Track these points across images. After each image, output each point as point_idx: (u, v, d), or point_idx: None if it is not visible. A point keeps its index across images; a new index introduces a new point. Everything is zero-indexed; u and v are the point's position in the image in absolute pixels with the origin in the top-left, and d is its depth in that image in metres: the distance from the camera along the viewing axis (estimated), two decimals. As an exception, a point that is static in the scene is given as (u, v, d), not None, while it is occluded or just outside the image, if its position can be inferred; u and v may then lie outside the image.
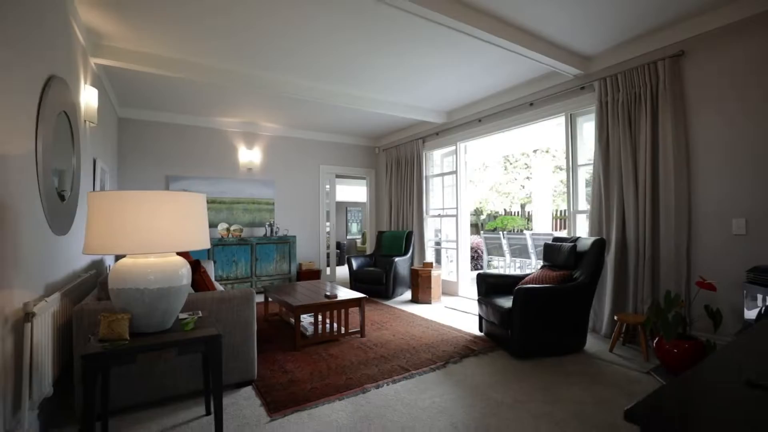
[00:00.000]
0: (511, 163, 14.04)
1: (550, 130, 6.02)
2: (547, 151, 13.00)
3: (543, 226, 9.80)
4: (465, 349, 3.13)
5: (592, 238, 3.15)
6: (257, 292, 5.66)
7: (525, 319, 2.89)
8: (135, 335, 1.69)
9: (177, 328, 1.82)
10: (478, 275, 3.57)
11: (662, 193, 3.13)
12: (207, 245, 1.93)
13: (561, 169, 12.98)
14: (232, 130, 5.92)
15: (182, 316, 2.05)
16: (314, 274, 6.22)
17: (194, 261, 2.60)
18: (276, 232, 5.94)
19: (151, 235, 1.65)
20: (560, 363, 2.85)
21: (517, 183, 14.10)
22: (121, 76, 4.03)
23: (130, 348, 1.56)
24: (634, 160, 3.32)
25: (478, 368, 2.78)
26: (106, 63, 3.48)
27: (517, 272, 7.81)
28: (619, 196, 3.40)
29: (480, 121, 5.04)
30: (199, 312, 2.12)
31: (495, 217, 14.39)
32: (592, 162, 3.80)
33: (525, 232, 8.04)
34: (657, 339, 2.63)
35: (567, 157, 4.03)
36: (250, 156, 6.01)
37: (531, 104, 4.35)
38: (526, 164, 13.84)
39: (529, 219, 14.06)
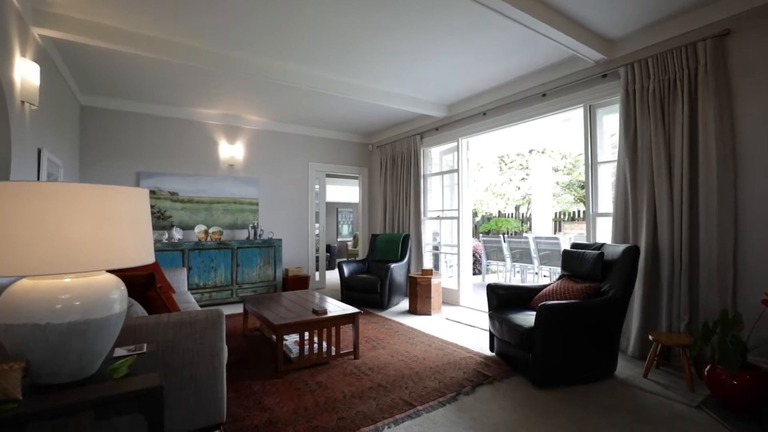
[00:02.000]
0: (506, 164, 13.70)
1: (554, 126, 5.63)
2: (543, 152, 12.72)
3: (542, 229, 9.44)
4: (477, 375, 2.67)
5: (623, 246, 2.72)
6: (237, 302, 5.13)
7: (549, 341, 2.45)
8: (36, 391, 1.18)
9: (105, 374, 1.32)
10: (488, 287, 3.12)
11: (703, 191, 2.71)
12: (147, 259, 1.43)
13: (557, 170, 12.69)
14: (212, 122, 5.38)
15: (120, 352, 1.54)
16: (302, 281, 5.71)
17: (147, 275, 2.09)
18: (260, 235, 5.42)
19: (61, 247, 1.15)
20: (590, 393, 2.41)
21: (513, 184, 13.77)
22: (78, 54, 3.48)
23: (17, 415, 1.05)
24: (668, 155, 2.90)
25: (495, 401, 2.32)
26: (54, 35, 2.94)
27: (518, 277, 7.41)
28: (649, 196, 2.98)
29: (485, 114, 4.60)
30: (144, 346, 1.62)
31: (489, 219, 14.04)
32: (614, 159, 3.39)
33: (527, 235, 7.65)
34: (709, 367, 2.21)
35: (585, 154, 3.61)
36: (231, 151, 5.48)
37: (543, 95, 3.93)
38: (521, 165, 13.52)
39: (524, 221, 13.75)
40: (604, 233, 3.60)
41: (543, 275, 7.08)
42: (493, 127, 4.55)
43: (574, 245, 3.23)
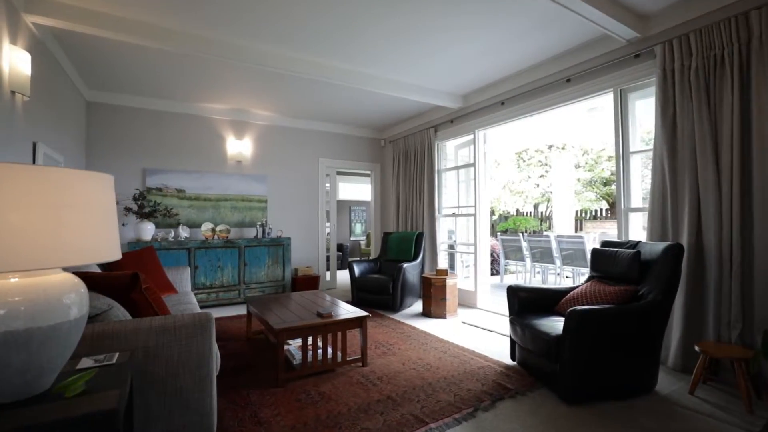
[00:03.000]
0: (524, 161, 13.26)
1: (578, 116, 5.28)
2: (563, 148, 12.24)
3: (562, 228, 9.02)
4: (496, 387, 2.40)
5: (663, 244, 2.41)
6: (244, 302, 4.97)
7: (580, 350, 2.16)
8: (-33, 412, 0.99)
9: (58, 392, 1.12)
10: (509, 289, 2.84)
11: (757, 181, 2.38)
12: (111, 256, 1.23)
13: (579, 166, 12.19)
14: (219, 117, 5.24)
15: (87, 363, 1.35)
16: (312, 281, 5.52)
17: (131, 274, 1.90)
18: (268, 234, 5.25)
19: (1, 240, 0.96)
20: (628, 411, 2.11)
21: (531, 181, 13.32)
22: (80, 47, 3.36)
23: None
24: (713, 141, 2.57)
25: (518, 419, 2.05)
26: (48, 22, 2.80)
27: (538, 277, 7.06)
28: (692, 188, 2.65)
29: (503, 104, 4.30)
30: (115, 356, 1.42)
31: (506, 218, 13.63)
32: (648, 148, 3.06)
33: (548, 233, 7.28)
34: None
35: (616, 144, 3.29)
36: (239, 147, 5.33)
37: (567, 80, 3.61)
38: (540, 161, 13.06)
39: (542, 219, 13.30)
40: (637, 230, 3.27)
41: (565, 276, 6.71)
42: (512, 118, 4.25)
43: (605, 243, 2.92)
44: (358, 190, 10.39)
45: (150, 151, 4.82)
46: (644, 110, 3.25)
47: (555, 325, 2.39)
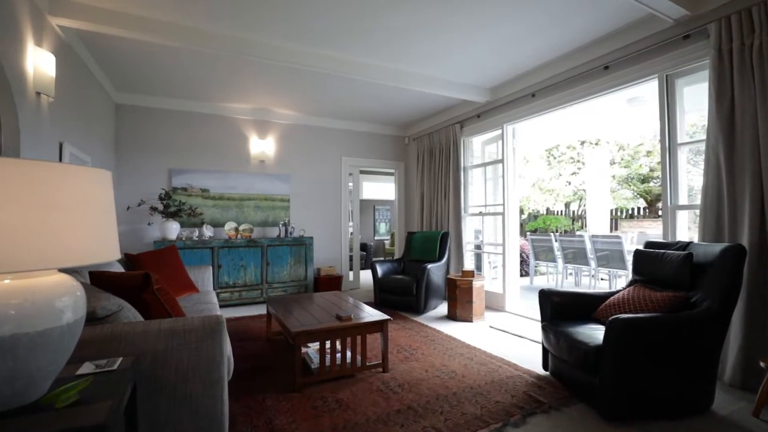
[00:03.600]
0: (555, 158, 12.73)
1: (616, 108, 4.93)
2: (597, 143, 11.66)
3: (596, 227, 8.55)
4: (527, 400, 2.21)
5: (721, 245, 2.14)
6: (265, 302, 4.95)
7: (623, 363, 1.94)
8: (-48, 423, 0.93)
9: (49, 402, 1.05)
10: (541, 293, 2.63)
11: (836, 176, 2.06)
12: (109, 256, 1.15)
13: (614, 162, 11.56)
14: (243, 117, 5.25)
15: (88, 368, 1.29)
16: (334, 281, 5.45)
17: (143, 275, 1.85)
18: (291, 233, 5.22)
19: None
20: (680, 433, 1.87)
21: (563, 179, 12.77)
22: (107, 49, 3.41)
23: None
24: (780, 130, 2.26)
25: (554, 438, 1.86)
26: (73, 24, 2.84)
27: (570, 279, 6.70)
28: (754, 183, 2.35)
29: (534, 95, 4.06)
30: (117, 361, 1.35)
31: (536, 217, 13.14)
32: (701, 138, 2.77)
33: (582, 233, 6.91)
34: None
35: (662, 135, 2.99)
36: (262, 147, 5.32)
37: (605, 68, 3.34)
38: (572, 158, 12.50)
39: (575, 219, 12.73)
40: (683, 230, 2.97)
41: (601, 278, 6.33)
42: (544, 110, 3.99)
43: (650, 244, 2.65)
44: (382, 189, 10.27)
45: (176, 152, 4.88)
46: (694, 97, 2.94)
47: (594, 333, 2.17)
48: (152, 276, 1.86)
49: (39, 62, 2.50)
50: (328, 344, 2.68)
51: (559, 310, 2.57)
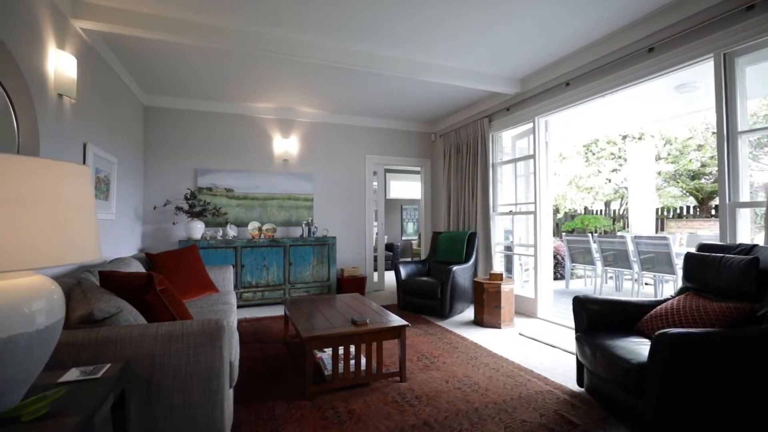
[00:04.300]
0: (593, 153, 12.03)
1: (661, 95, 4.49)
2: (640, 138, 10.90)
3: (640, 227, 7.95)
4: (558, 420, 1.98)
5: (794, 248, 1.81)
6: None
7: (673, 385, 1.67)
8: None
9: (15, 415, 0.98)
10: (576, 301, 2.37)
11: None
12: (88, 256, 1.07)
13: (660, 158, 10.76)
14: (266, 117, 5.25)
15: (71, 375, 1.22)
16: (358, 282, 5.34)
17: (146, 275, 1.79)
18: (314, 233, 5.16)
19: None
20: (745, 471, 1.58)
21: (602, 176, 12.04)
22: (132, 50, 3.45)
23: None
24: None
25: (588, 467, 1.62)
26: (96, 27, 2.88)
27: (610, 284, 6.24)
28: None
29: (568, 84, 3.75)
30: (104, 368, 1.28)
31: (573, 217, 12.49)
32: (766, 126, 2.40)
33: (623, 234, 6.43)
34: None
35: (718, 123, 2.64)
36: (285, 146, 5.30)
37: (650, 50, 3.00)
38: (612, 154, 11.76)
39: (615, 218, 11.99)
40: (745, 232, 2.60)
41: (645, 283, 5.84)
42: (579, 100, 3.68)
43: (704, 247, 2.33)
44: (409, 188, 10.08)
45: (201, 152, 4.95)
46: (757, 78, 2.57)
47: (636, 349, 1.91)
48: (155, 277, 1.80)
49: (60, 64, 2.54)
50: (341, 351, 2.55)
51: (597, 319, 2.30)
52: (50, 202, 0.98)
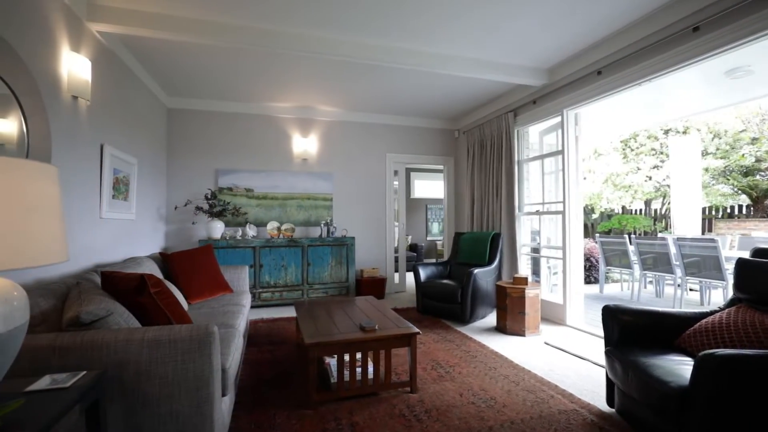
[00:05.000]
0: (632, 149, 11.30)
1: (705, 88, 4.06)
2: (685, 131, 10.15)
3: (684, 228, 7.35)
4: (584, 446, 1.76)
5: None
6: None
7: (721, 415, 1.43)
8: None
9: (-33, 427, 0.91)
10: (606, 310, 2.13)
11: None
12: (51, 257, 0.99)
13: (707, 153, 9.94)
14: (285, 116, 5.23)
15: (41, 384, 1.16)
16: (377, 283, 5.22)
17: (139, 277, 1.74)
18: (332, 233, 5.08)
19: None
20: None
21: (642, 173, 11.28)
22: (150, 51, 3.49)
23: None
24: None
25: (617, 505, 1.41)
26: (111, 29, 2.91)
27: (650, 289, 5.79)
28: None
29: (600, 73, 3.45)
30: (78, 375, 1.21)
31: (610, 217, 11.81)
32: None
33: (665, 235, 5.95)
34: None
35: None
36: (305, 145, 5.26)
37: (695, 29, 2.68)
38: (653, 149, 11.00)
39: (656, 218, 11.23)
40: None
41: (689, 288, 5.37)
42: (612, 90, 3.37)
43: (759, 252, 2.03)
44: (434, 187, 9.86)
45: (222, 153, 4.99)
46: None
47: (676, 369, 1.66)
48: (150, 278, 1.75)
49: (74, 67, 2.56)
50: (347, 358, 2.43)
51: (630, 332, 2.05)
52: (3, 202, 0.92)
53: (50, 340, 1.42)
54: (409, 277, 6.95)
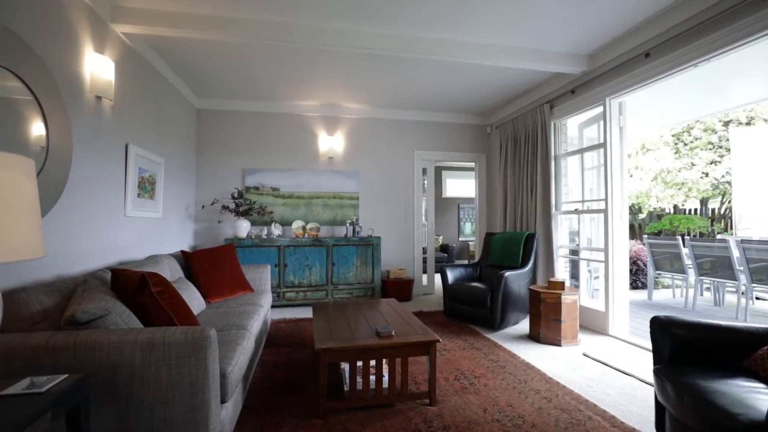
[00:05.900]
0: (685, 143, 10.38)
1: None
2: (749, 122, 9.18)
3: (750, 229, 6.60)
4: (628, 481, 1.50)
5: None
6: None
7: (807, 460, 1.14)
8: None
9: None
10: (656, 323, 1.84)
11: None
12: (20, 256, 0.92)
13: (776, 146, 8.90)
14: (311, 114, 5.19)
15: (17, 388, 1.10)
16: (404, 285, 5.05)
17: (139, 276, 1.68)
18: (358, 232, 4.97)
19: None
20: None
21: (697, 169, 10.33)
22: (176, 51, 3.53)
23: None
24: None
25: None
26: (136, 30, 2.94)
27: (707, 296, 5.22)
28: None
29: (648, 55, 3.09)
30: (57, 379, 1.15)
31: (660, 217, 10.94)
32: None
33: (725, 236, 5.36)
34: None
35: None
36: (330, 143, 5.19)
37: (765, -2, 2.31)
38: (711, 143, 10.04)
39: (714, 219, 10.28)
40: None
41: (755, 297, 4.78)
42: (662, 74, 3.00)
43: None
44: (466, 186, 9.53)
45: (249, 152, 5.02)
46: None
47: (747, 399, 1.37)
48: (152, 278, 1.69)
49: (96, 67, 2.60)
50: (360, 365, 2.29)
51: (685, 348, 1.76)
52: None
53: (44, 340, 1.38)
54: (438, 279, 6.71)
